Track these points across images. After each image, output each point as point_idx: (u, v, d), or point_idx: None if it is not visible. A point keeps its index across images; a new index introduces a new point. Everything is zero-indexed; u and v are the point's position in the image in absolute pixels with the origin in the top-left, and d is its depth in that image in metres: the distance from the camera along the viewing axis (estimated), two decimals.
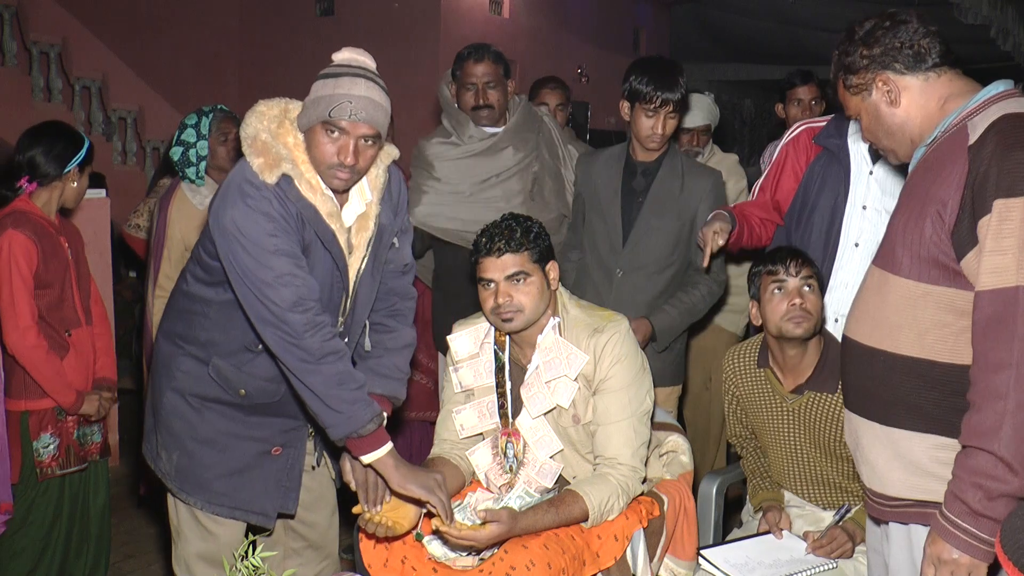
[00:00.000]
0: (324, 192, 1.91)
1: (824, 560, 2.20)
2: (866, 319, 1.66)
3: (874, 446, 1.63)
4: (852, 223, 2.51)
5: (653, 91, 2.61)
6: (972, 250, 1.48)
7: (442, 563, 1.97)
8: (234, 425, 2.05)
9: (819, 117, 2.89)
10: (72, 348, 2.69)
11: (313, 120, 1.87)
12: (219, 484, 2.05)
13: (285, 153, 1.87)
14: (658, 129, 2.65)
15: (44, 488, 2.70)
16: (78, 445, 2.74)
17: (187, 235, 2.96)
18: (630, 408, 2.10)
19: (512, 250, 2.06)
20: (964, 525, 1.43)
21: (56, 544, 2.76)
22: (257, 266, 1.81)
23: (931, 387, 1.55)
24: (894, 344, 1.59)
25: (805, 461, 2.36)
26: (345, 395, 1.85)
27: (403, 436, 3.30)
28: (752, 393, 2.42)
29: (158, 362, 2.10)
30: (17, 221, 2.56)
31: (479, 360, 2.21)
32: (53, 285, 2.63)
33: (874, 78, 1.67)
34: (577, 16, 8.40)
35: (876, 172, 2.51)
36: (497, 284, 2.07)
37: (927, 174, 1.59)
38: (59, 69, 7.13)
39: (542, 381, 2.12)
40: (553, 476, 2.14)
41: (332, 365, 1.84)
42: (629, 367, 2.11)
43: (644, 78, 2.64)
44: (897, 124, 1.68)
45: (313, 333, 1.82)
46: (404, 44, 7.20)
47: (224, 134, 3.00)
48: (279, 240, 1.83)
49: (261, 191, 1.83)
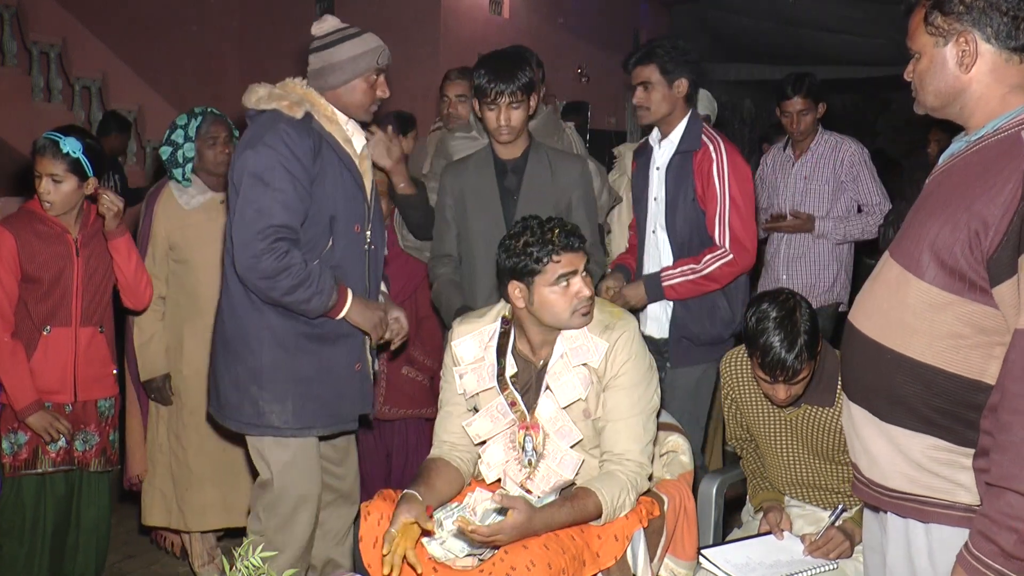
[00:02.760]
0: (341, 125, 2.43)
1: (824, 560, 2.20)
2: (878, 314, 1.62)
3: (876, 440, 1.62)
4: (650, 212, 2.97)
5: (487, 84, 2.61)
6: (1009, 279, 1.42)
7: (442, 563, 1.97)
8: (324, 355, 2.42)
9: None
10: (46, 347, 2.69)
11: (358, 72, 2.39)
12: (330, 406, 2.45)
13: (301, 96, 2.38)
14: (503, 121, 2.64)
15: (14, 486, 2.70)
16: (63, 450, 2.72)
17: (172, 234, 2.95)
18: (639, 405, 2.11)
19: (578, 250, 2.10)
20: (995, 566, 1.40)
21: (42, 549, 2.75)
22: (257, 185, 2.26)
23: (934, 394, 1.53)
24: (904, 345, 1.56)
25: (802, 467, 2.36)
26: (302, 294, 2.29)
27: (399, 434, 3.31)
28: (749, 401, 2.41)
29: (238, 339, 2.42)
30: (9, 219, 2.64)
31: (483, 364, 2.19)
32: (41, 280, 2.66)
33: (960, 31, 1.52)
34: (577, 16, 8.39)
35: (660, 165, 2.92)
36: (580, 275, 2.09)
37: (970, 180, 1.49)
38: (59, 69, 7.13)
39: (571, 366, 2.11)
40: (575, 467, 2.12)
41: (284, 281, 2.26)
42: (639, 364, 2.12)
43: (481, 71, 2.64)
44: (956, 90, 1.55)
45: (270, 257, 2.24)
46: (404, 44, 7.18)
47: (213, 137, 2.98)
48: (288, 164, 2.27)
49: (284, 127, 2.29)
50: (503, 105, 2.62)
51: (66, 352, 2.73)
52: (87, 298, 2.75)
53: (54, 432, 2.68)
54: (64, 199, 2.67)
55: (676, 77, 2.85)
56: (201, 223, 2.96)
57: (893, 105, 12.32)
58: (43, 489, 2.76)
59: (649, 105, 2.88)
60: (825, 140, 3.86)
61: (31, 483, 2.73)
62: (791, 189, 3.90)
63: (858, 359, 1.67)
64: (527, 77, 2.62)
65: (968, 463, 1.53)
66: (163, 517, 3.08)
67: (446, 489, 2.13)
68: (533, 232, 2.08)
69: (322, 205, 2.38)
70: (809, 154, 3.86)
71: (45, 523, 2.76)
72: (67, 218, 2.72)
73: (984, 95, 1.54)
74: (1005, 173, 1.44)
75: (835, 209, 3.83)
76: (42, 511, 2.76)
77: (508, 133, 2.67)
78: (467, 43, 7.32)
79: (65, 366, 2.73)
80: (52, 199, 2.65)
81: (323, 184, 2.36)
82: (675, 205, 2.87)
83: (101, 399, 2.83)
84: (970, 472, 1.53)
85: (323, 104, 2.41)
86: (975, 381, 1.50)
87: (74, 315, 2.73)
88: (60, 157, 2.63)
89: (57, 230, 2.71)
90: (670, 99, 2.88)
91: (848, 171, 3.80)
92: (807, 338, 2.12)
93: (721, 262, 2.81)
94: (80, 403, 2.78)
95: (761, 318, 2.15)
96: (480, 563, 1.93)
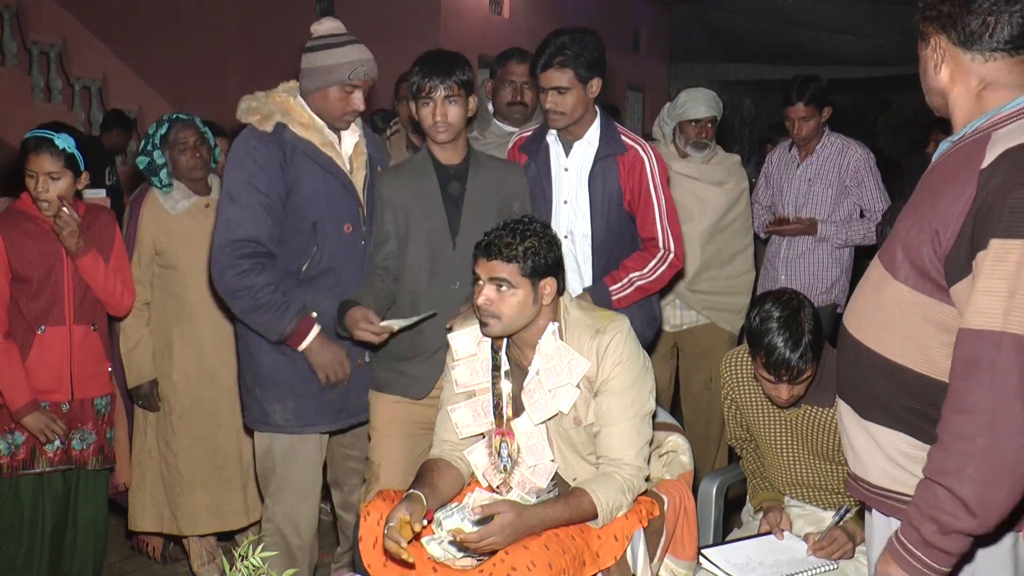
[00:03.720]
0: (320, 130, 2.46)
1: (825, 560, 2.20)
2: (861, 314, 1.65)
3: (859, 435, 1.65)
4: (560, 217, 2.79)
5: (422, 79, 2.48)
6: (964, 279, 1.45)
7: (442, 563, 1.97)
8: None
9: (531, 127, 2.93)
10: (41, 347, 2.68)
11: (330, 82, 2.41)
12: (334, 403, 2.52)
13: (273, 108, 2.44)
14: (438, 116, 2.46)
15: (12, 486, 2.70)
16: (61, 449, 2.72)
17: (158, 239, 2.93)
18: (633, 409, 2.10)
19: (503, 258, 2.06)
20: (916, 553, 1.45)
21: (41, 548, 2.74)
22: (227, 202, 2.38)
23: (905, 393, 1.55)
24: (879, 344, 1.59)
25: (801, 467, 2.36)
26: (259, 318, 2.38)
27: None
28: (749, 401, 2.41)
29: (243, 345, 2.53)
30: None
31: (476, 359, 2.21)
32: (31, 280, 2.65)
33: (932, 34, 1.57)
34: (577, 16, 8.39)
35: (571, 166, 2.78)
36: (483, 284, 2.08)
37: (941, 180, 1.53)
38: (59, 69, 7.14)
39: (544, 388, 2.12)
40: (547, 476, 2.14)
41: (243, 300, 2.37)
42: (631, 367, 2.11)
43: (416, 68, 2.51)
44: (937, 88, 1.61)
45: (232, 272, 2.35)
46: (404, 44, 7.18)
47: (182, 143, 2.96)
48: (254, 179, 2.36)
49: (254, 142, 2.39)
50: (439, 99, 2.47)
51: (61, 351, 2.72)
52: (79, 296, 2.73)
53: (49, 433, 2.67)
54: (61, 196, 2.64)
55: (590, 77, 2.72)
56: (187, 228, 2.96)
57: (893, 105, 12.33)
58: (41, 488, 2.75)
59: (565, 110, 2.70)
60: (831, 142, 3.85)
61: (29, 483, 2.72)
62: (795, 190, 3.89)
63: (844, 357, 1.70)
64: (465, 75, 2.52)
65: None
66: (155, 522, 3.06)
67: (448, 490, 2.13)
68: (500, 229, 2.11)
69: (303, 213, 2.42)
70: (815, 156, 3.86)
71: (44, 522, 2.75)
72: None
73: (960, 95, 1.58)
74: (966, 174, 1.46)
75: (837, 213, 3.82)
76: (40, 510, 2.75)
77: (445, 131, 2.48)
78: (467, 43, 7.33)
79: (61, 365, 2.72)
80: (49, 197, 2.62)
81: (299, 193, 2.42)
82: (599, 209, 2.77)
83: (97, 397, 2.81)
84: None
85: (299, 111, 2.46)
86: (940, 381, 1.51)
87: (68, 313, 2.71)
88: (57, 154, 2.61)
89: (46, 228, 2.68)
90: (584, 101, 2.72)
91: (853, 176, 3.79)
92: (811, 338, 2.12)
93: (666, 265, 2.75)
94: (77, 401, 2.76)
95: (765, 318, 2.15)
96: (480, 563, 1.93)
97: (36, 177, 2.62)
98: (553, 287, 2.11)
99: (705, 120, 3.50)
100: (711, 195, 3.53)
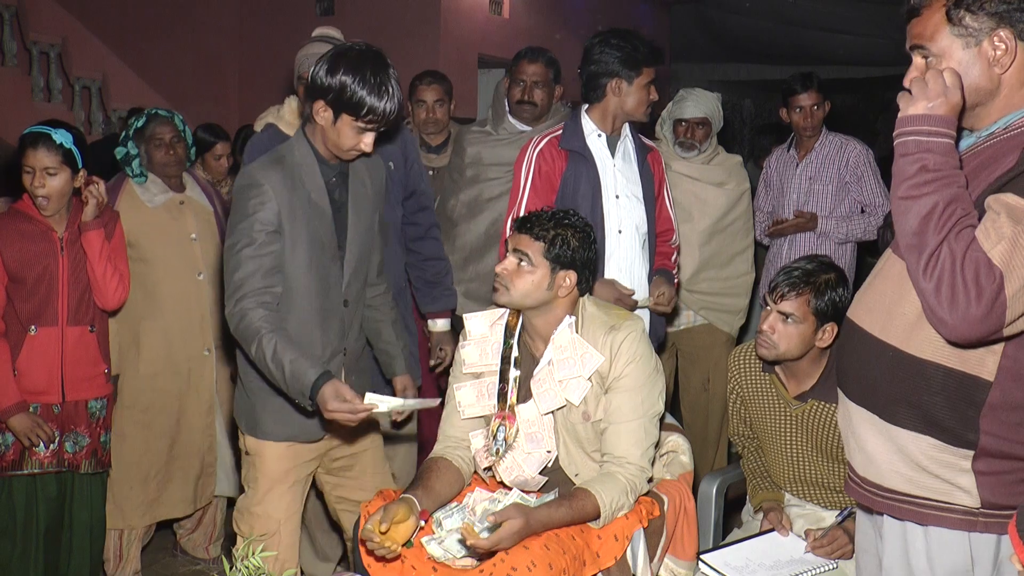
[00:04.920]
0: None
1: (824, 560, 2.20)
2: (880, 311, 1.62)
3: (874, 438, 1.61)
4: (611, 213, 2.79)
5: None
6: None
7: (442, 563, 1.97)
8: None
9: (557, 126, 2.94)
10: (31, 347, 2.67)
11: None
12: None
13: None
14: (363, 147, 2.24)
15: (5, 486, 2.69)
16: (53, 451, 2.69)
17: (132, 231, 2.91)
18: (642, 408, 2.11)
19: (532, 235, 2.13)
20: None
21: (36, 549, 2.73)
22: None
23: (933, 392, 1.53)
24: (906, 342, 1.55)
25: (805, 464, 2.36)
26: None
27: None
28: (756, 396, 2.42)
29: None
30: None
31: (488, 341, 2.23)
32: (25, 280, 2.64)
33: (992, 30, 1.47)
34: (577, 16, 8.40)
35: (617, 163, 2.83)
36: (509, 254, 2.15)
37: (972, 176, 1.50)
38: (59, 69, 7.12)
39: (554, 378, 2.12)
40: (539, 465, 2.13)
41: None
42: (643, 367, 2.12)
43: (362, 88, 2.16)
44: (987, 90, 1.52)
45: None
46: (404, 44, 7.19)
47: (159, 139, 2.96)
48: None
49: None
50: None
51: (52, 352, 2.69)
52: (75, 296, 2.71)
53: (34, 437, 2.63)
54: (58, 193, 2.63)
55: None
56: (164, 222, 2.96)
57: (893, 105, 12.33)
58: (34, 490, 2.72)
59: None
60: (830, 141, 3.85)
61: (21, 483, 2.70)
62: (796, 190, 3.89)
63: (859, 356, 1.66)
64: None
65: (967, 465, 1.53)
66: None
67: (445, 491, 2.13)
68: (541, 213, 2.20)
69: None
70: (814, 154, 3.86)
71: (37, 524, 2.73)
72: (56, 215, 2.69)
73: (1010, 92, 1.53)
74: (1008, 158, 1.46)
75: (838, 210, 3.83)
76: (34, 512, 2.73)
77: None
78: (467, 43, 7.33)
79: (52, 366, 2.69)
80: (47, 193, 2.61)
81: None
82: (651, 204, 2.89)
83: (92, 399, 2.77)
84: (969, 474, 1.53)
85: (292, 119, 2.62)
86: (973, 377, 1.50)
87: (61, 314, 2.69)
88: (54, 149, 2.60)
89: (42, 228, 2.67)
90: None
91: (852, 172, 3.80)
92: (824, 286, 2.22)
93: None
94: (70, 403, 2.72)
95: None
96: (480, 563, 1.93)
97: (33, 172, 2.61)
98: (572, 281, 2.14)
99: (694, 121, 3.50)
100: (711, 196, 3.54)
